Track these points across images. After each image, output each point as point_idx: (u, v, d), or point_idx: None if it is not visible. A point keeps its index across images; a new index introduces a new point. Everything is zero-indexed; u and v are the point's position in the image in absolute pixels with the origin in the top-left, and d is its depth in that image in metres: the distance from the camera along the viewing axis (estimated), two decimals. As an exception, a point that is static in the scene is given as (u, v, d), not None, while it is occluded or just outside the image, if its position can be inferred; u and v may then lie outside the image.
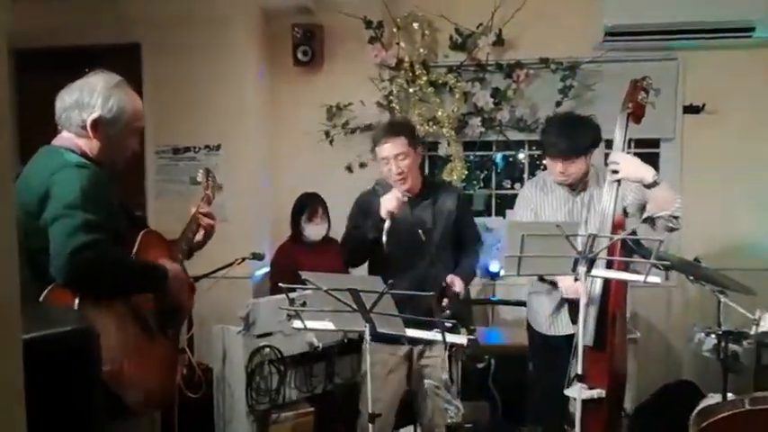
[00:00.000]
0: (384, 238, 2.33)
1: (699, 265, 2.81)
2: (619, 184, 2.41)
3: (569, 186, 2.61)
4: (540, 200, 2.66)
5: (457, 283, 2.45)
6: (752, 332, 2.72)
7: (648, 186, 2.35)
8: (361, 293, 1.80)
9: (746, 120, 3.71)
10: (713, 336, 2.86)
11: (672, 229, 2.42)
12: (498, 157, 4.11)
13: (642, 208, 2.46)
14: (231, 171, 3.65)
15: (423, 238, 2.39)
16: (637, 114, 2.39)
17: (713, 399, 2.82)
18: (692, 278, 2.82)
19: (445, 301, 2.29)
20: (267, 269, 3.77)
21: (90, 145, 1.85)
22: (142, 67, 3.79)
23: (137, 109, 1.91)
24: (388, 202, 2.40)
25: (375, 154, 2.62)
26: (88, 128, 1.82)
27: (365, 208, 2.62)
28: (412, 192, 2.57)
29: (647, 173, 2.34)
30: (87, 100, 1.82)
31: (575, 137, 2.49)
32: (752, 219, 3.66)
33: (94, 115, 1.81)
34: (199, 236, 2.24)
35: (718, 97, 3.72)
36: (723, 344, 2.73)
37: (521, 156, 4.10)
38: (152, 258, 1.95)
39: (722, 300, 2.78)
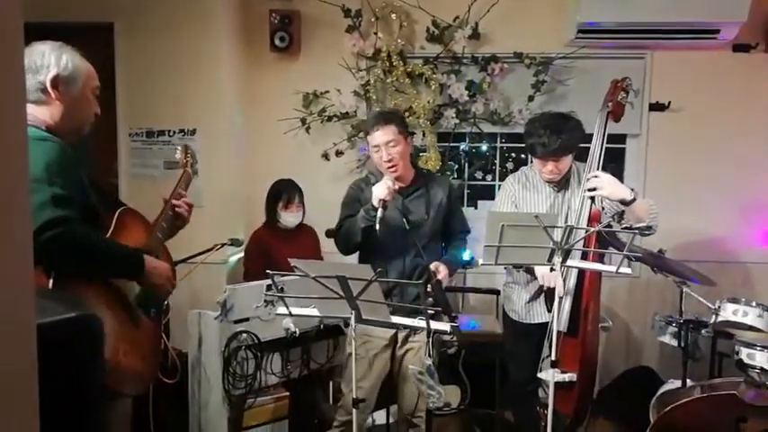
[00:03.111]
0: (377, 227, 2.39)
1: (663, 257, 2.94)
2: (592, 199, 2.52)
3: (550, 183, 2.69)
4: (522, 195, 2.74)
5: (441, 270, 2.51)
6: (711, 321, 2.88)
7: (627, 204, 2.46)
8: (348, 281, 1.84)
9: (709, 117, 3.86)
10: (674, 324, 3.01)
11: (647, 234, 2.54)
12: (463, 147, 4.17)
13: (618, 214, 2.56)
14: (206, 156, 3.61)
15: (407, 226, 2.44)
16: (616, 113, 2.49)
17: (673, 384, 2.97)
18: (656, 269, 2.96)
19: (428, 288, 2.35)
20: (241, 255, 3.77)
21: (51, 112, 1.77)
22: (115, 48, 3.71)
23: (90, 67, 1.85)
24: (380, 191, 2.45)
25: (367, 143, 2.68)
26: (48, 88, 1.74)
27: (358, 196, 2.68)
28: (403, 181, 2.63)
29: (625, 192, 2.46)
30: (39, 62, 1.75)
31: (564, 136, 2.55)
32: (713, 213, 3.83)
33: (51, 74, 1.74)
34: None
35: (684, 96, 3.87)
36: (684, 332, 2.87)
37: (483, 147, 4.17)
38: (130, 238, 1.90)
39: (684, 290, 2.93)
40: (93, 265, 1.72)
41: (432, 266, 2.51)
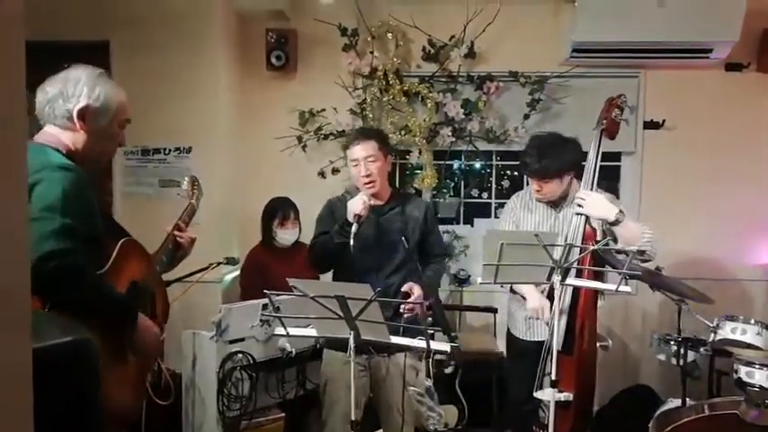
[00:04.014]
0: (351, 242, 2.35)
1: (660, 275, 2.93)
2: (587, 218, 2.52)
3: (550, 203, 2.70)
4: (524, 214, 2.75)
5: (416, 291, 2.48)
6: (709, 339, 2.87)
7: (612, 224, 2.47)
8: (348, 300, 1.82)
9: (702, 135, 3.89)
10: (672, 342, 2.99)
11: (644, 261, 2.53)
12: (457, 165, 4.18)
13: (613, 235, 2.55)
14: (202, 174, 3.56)
15: (407, 245, 2.42)
16: (611, 130, 2.50)
17: (672, 403, 2.95)
18: (653, 287, 2.95)
19: (403, 309, 2.33)
20: (237, 273, 3.74)
21: (75, 138, 1.79)
22: (111, 66, 3.70)
23: (122, 100, 1.86)
24: (355, 206, 2.42)
25: (347, 157, 2.66)
26: (75, 118, 1.76)
27: (333, 213, 2.65)
28: (380, 199, 2.60)
29: (610, 213, 2.45)
30: (72, 90, 1.76)
31: (549, 159, 2.57)
32: (708, 230, 3.84)
33: (81, 104, 1.76)
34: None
35: (678, 114, 3.90)
36: (683, 350, 2.86)
37: (477, 165, 4.19)
38: (129, 269, 1.89)
39: (682, 308, 2.92)
40: (83, 304, 1.68)
41: (405, 287, 2.48)
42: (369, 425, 2.76)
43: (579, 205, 2.50)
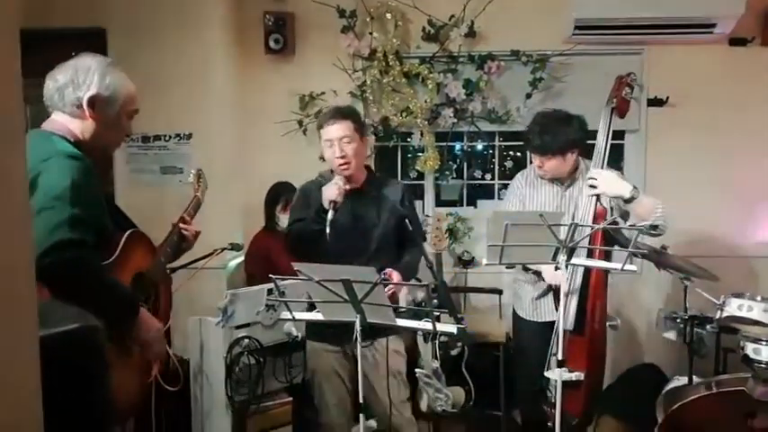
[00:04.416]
0: (327, 230, 2.30)
1: (666, 253, 2.92)
2: (597, 197, 2.50)
3: (556, 181, 2.68)
4: (529, 192, 2.72)
5: (394, 277, 2.42)
6: (716, 317, 2.86)
7: (627, 201, 2.44)
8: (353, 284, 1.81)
9: (707, 112, 3.85)
10: (679, 321, 2.99)
11: (656, 235, 2.51)
12: (459, 147, 4.15)
13: (624, 214, 2.54)
14: (203, 160, 3.57)
15: (373, 229, 2.38)
16: (621, 109, 2.47)
17: (679, 381, 2.96)
18: (659, 266, 2.94)
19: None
20: (241, 259, 3.73)
21: (83, 127, 1.78)
22: (108, 53, 3.66)
23: (131, 90, 1.86)
24: (330, 192, 2.36)
25: (320, 136, 2.56)
26: (84, 106, 1.75)
27: (307, 199, 2.56)
28: (356, 182, 2.52)
29: (625, 189, 2.43)
30: (83, 78, 1.76)
31: (551, 135, 2.54)
32: (713, 207, 3.81)
33: (91, 93, 1.76)
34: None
35: (681, 90, 3.85)
36: (689, 328, 2.85)
37: (479, 147, 4.16)
38: (134, 261, 1.89)
39: (688, 286, 2.91)
40: (90, 297, 1.65)
41: (386, 272, 2.40)
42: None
43: (593, 186, 2.47)
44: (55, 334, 1.06)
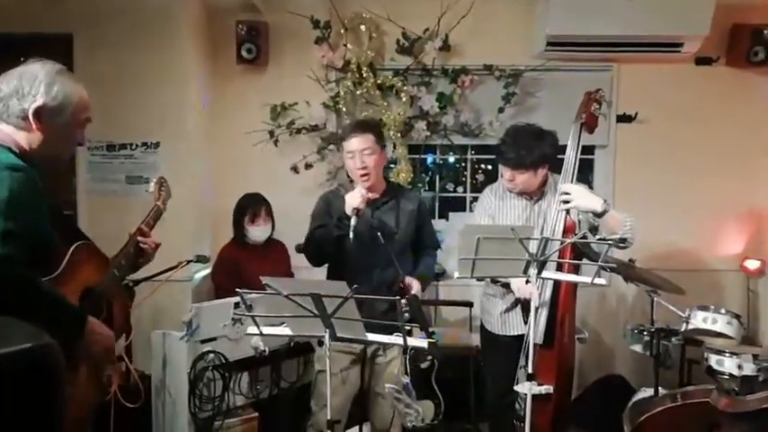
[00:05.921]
0: (350, 236, 2.36)
1: (634, 266, 2.96)
2: (567, 211, 2.52)
3: (525, 194, 2.68)
4: (498, 206, 2.73)
5: (414, 286, 2.49)
6: (682, 329, 2.90)
7: (599, 215, 2.46)
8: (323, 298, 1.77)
9: (673, 128, 3.93)
10: (646, 333, 3.02)
11: (623, 248, 2.54)
12: (431, 159, 4.16)
13: (593, 228, 2.56)
14: (171, 170, 3.50)
15: (382, 240, 2.40)
16: (590, 124, 2.50)
17: (645, 393, 2.98)
18: (627, 279, 2.97)
19: (403, 303, 2.30)
20: (207, 271, 3.65)
21: (30, 138, 1.68)
22: (74, 60, 3.57)
23: (83, 98, 1.75)
24: (353, 199, 2.43)
25: (342, 148, 2.67)
26: (30, 118, 1.66)
27: (328, 208, 2.65)
28: (375, 192, 2.60)
29: (597, 203, 2.46)
30: (28, 88, 1.66)
31: (526, 150, 2.55)
32: (680, 222, 3.88)
33: (37, 104, 1.65)
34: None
35: (649, 107, 3.93)
36: (655, 341, 2.88)
37: (451, 159, 4.17)
38: (81, 275, 1.80)
39: (655, 299, 2.94)
40: (27, 313, 1.51)
41: (405, 281, 2.47)
42: (357, 416, 2.73)
43: (566, 201, 2.48)
44: (9, 353, 1.00)
